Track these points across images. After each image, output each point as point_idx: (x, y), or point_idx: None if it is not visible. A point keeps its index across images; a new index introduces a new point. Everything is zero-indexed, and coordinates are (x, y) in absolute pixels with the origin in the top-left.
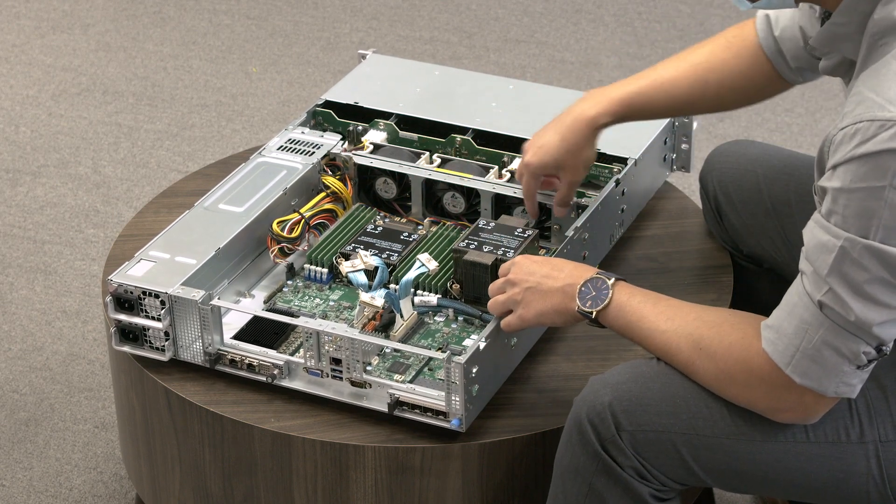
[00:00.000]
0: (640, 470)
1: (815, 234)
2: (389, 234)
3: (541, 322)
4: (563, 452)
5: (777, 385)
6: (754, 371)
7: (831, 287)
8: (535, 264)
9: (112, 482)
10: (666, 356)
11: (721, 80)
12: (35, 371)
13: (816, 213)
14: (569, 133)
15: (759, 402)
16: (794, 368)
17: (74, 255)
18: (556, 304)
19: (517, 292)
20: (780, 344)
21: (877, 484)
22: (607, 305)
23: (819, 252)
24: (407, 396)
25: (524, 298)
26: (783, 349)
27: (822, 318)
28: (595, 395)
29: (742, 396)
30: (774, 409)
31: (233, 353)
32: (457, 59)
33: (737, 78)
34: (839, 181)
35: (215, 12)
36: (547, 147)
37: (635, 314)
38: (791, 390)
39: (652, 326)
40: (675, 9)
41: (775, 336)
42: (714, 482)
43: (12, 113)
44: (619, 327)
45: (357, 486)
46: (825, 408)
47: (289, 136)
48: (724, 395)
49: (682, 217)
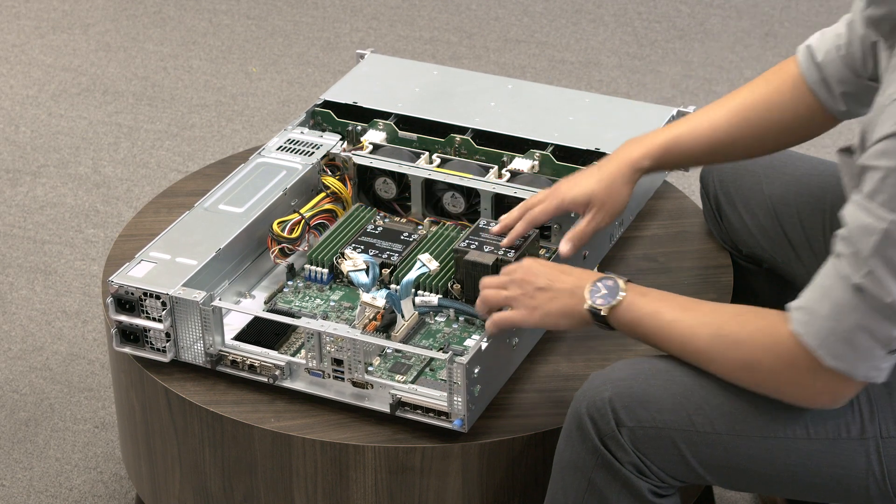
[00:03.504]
0: (640, 466)
1: (858, 216)
2: (389, 234)
3: (543, 324)
4: (563, 447)
5: (805, 369)
6: (781, 355)
7: (872, 269)
8: (544, 266)
9: (112, 482)
10: (682, 349)
11: (761, 117)
12: (35, 371)
13: (857, 195)
14: (607, 172)
15: (786, 388)
16: (826, 350)
17: (74, 255)
18: (562, 306)
19: (523, 292)
20: (812, 326)
21: (877, 480)
22: (620, 302)
23: (861, 233)
24: (409, 397)
25: (530, 299)
26: (815, 331)
27: (859, 300)
28: (595, 391)
29: (767, 383)
30: (801, 394)
31: (234, 354)
32: (457, 59)
33: (777, 113)
34: (888, 160)
35: (215, 12)
36: (583, 181)
37: (649, 308)
38: (819, 374)
39: (667, 319)
40: (675, 9)
41: (807, 318)
42: (713, 479)
43: (12, 113)
44: (631, 323)
45: (357, 486)
46: (853, 392)
47: (288, 137)
48: (747, 384)
49: (681, 217)
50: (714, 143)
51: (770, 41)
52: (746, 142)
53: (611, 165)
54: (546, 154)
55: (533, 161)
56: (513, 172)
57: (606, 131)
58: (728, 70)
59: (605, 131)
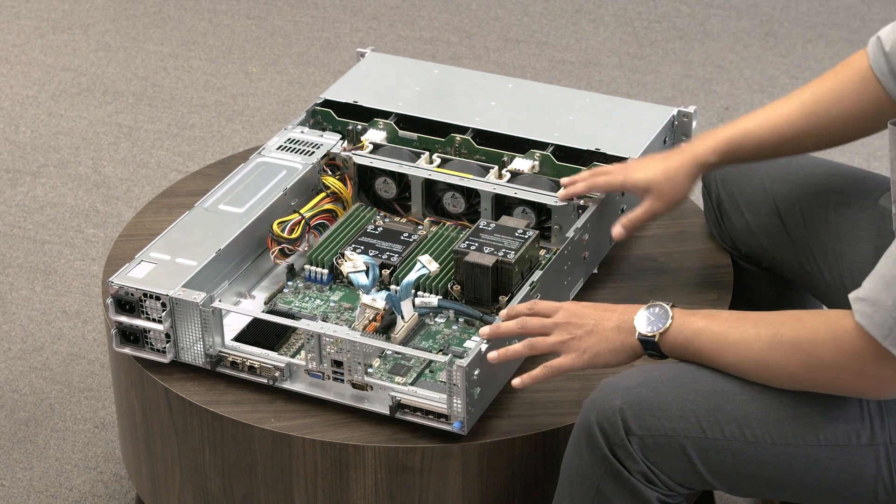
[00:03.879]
0: (649, 475)
1: None
2: (389, 234)
3: (593, 365)
4: (571, 456)
5: (870, 360)
6: (845, 348)
7: None
8: (587, 308)
9: (112, 482)
10: (738, 360)
11: (829, 109)
12: (35, 371)
13: None
14: (673, 164)
15: (852, 382)
16: (893, 340)
17: (74, 255)
18: (612, 344)
19: (571, 337)
20: (877, 316)
21: (886, 486)
22: (670, 325)
23: None
24: (408, 399)
25: (578, 342)
26: (881, 321)
27: None
28: (605, 399)
29: (832, 380)
30: (866, 386)
31: (234, 355)
32: (457, 59)
33: (845, 105)
34: None
35: (215, 12)
36: (649, 166)
37: (699, 325)
38: (885, 365)
39: (720, 332)
40: (675, 9)
41: (872, 309)
42: (722, 486)
43: (12, 113)
44: (684, 343)
45: (357, 487)
46: None
47: (288, 136)
48: (808, 385)
49: (682, 217)
50: (781, 136)
51: (770, 41)
52: (814, 135)
53: (677, 157)
54: (546, 154)
55: (533, 161)
56: (513, 172)
57: (606, 131)
58: (728, 70)
59: (605, 131)
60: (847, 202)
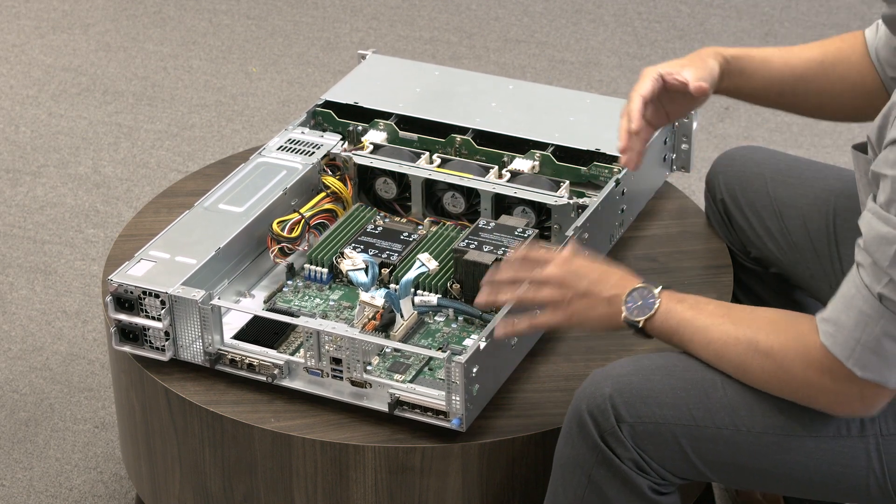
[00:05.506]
0: (640, 462)
1: (874, 226)
2: (389, 234)
3: (577, 327)
4: (563, 445)
5: (838, 379)
6: (813, 365)
7: (892, 278)
8: (586, 267)
9: (112, 482)
10: (716, 357)
11: (836, 66)
12: (35, 371)
13: (872, 203)
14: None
15: (820, 398)
16: (855, 361)
17: (74, 255)
18: (600, 316)
19: (562, 296)
20: (839, 337)
21: (877, 478)
22: (654, 313)
23: (878, 244)
24: (407, 396)
25: (567, 304)
26: (843, 342)
27: (882, 309)
28: (596, 387)
29: (801, 393)
30: (835, 403)
31: (233, 352)
32: (457, 59)
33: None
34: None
35: (215, 12)
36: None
37: (683, 316)
38: (852, 383)
39: (702, 327)
40: (675, 9)
41: (834, 329)
42: (713, 475)
43: (12, 113)
44: (667, 331)
45: (357, 486)
46: (886, 399)
47: (289, 136)
48: (782, 393)
49: (682, 217)
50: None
51: (770, 41)
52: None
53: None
54: (546, 154)
55: (533, 161)
56: (513, 173)
57: (606, 131)
58: None
59: (605, 131)
60: (849, 206)
